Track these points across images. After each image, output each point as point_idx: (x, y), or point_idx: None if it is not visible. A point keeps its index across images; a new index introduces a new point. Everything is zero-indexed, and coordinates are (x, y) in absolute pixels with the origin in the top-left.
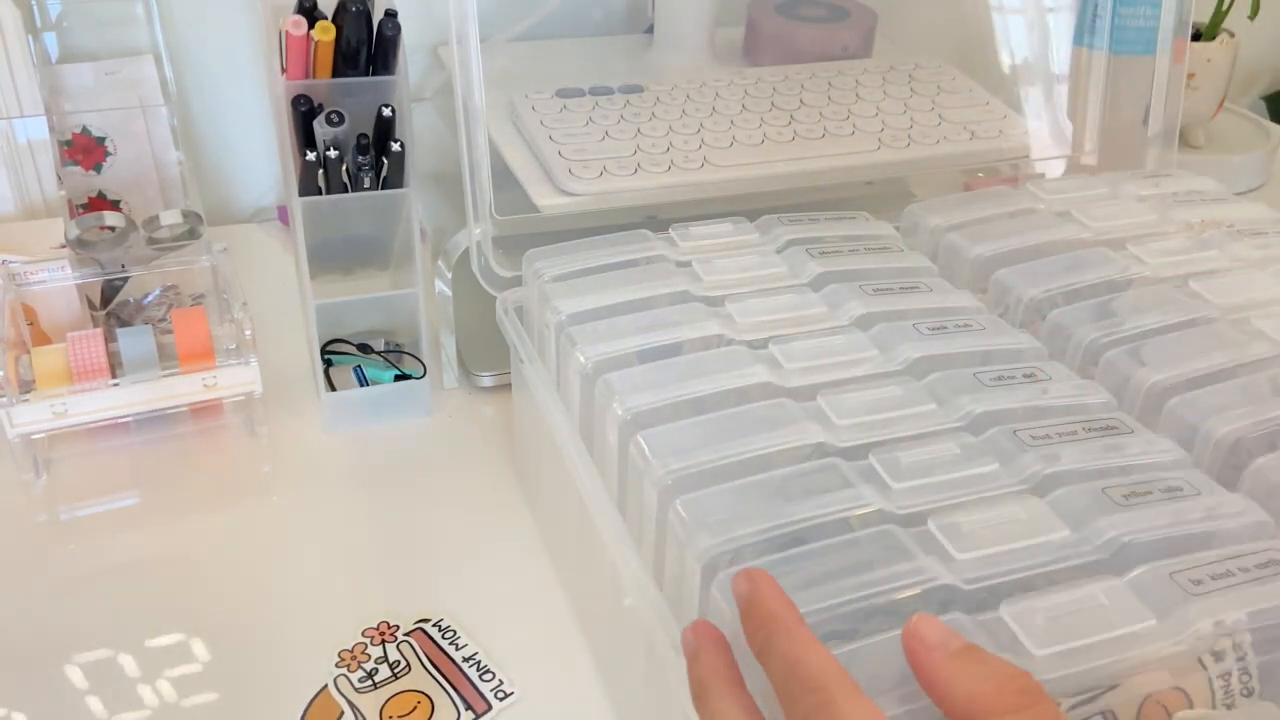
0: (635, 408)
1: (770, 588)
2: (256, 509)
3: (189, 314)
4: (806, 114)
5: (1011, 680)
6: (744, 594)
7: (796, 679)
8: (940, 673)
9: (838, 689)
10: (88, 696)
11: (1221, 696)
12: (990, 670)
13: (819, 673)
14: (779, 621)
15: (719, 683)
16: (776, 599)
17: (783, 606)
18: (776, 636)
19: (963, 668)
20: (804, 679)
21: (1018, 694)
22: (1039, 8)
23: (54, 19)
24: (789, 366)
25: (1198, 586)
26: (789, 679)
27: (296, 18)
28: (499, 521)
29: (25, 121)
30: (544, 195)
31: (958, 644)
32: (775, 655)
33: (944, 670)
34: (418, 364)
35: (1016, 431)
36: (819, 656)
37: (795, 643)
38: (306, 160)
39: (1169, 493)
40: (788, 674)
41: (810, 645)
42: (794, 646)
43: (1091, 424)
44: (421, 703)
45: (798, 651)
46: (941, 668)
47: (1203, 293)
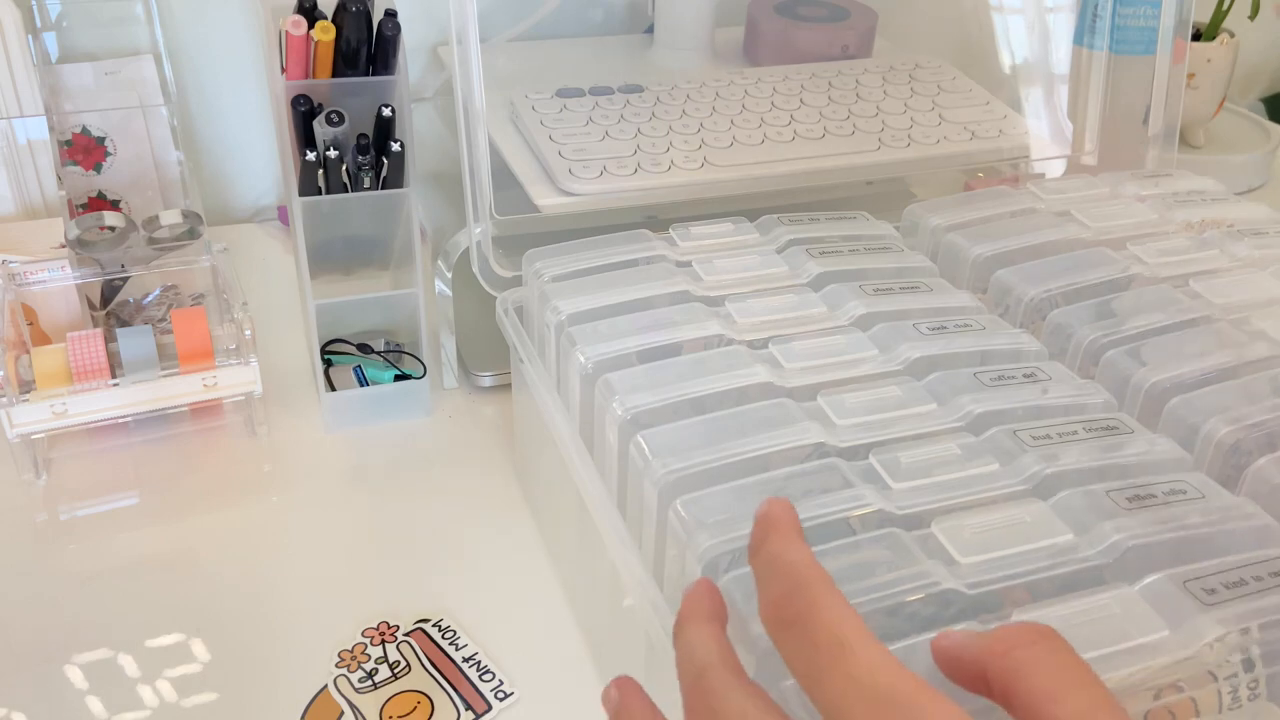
0: (635, 408)
1: (786, 511)
2: (256, 509)
3: (189, 314)
4: (806, 114)
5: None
6: (761, 513)
7: (774, 572)
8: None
9: (810, 576)
10: (88, 696)
11: (1229, 703)
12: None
13: (796, 564)
14: (777, 526)
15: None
16: (786, 513)
17: (787, 514)
18: (771, 537)
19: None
20: (779, 569)
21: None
22: (1039, 8)
23: (54, 19)
24: (789, 366)
25: (1211, 596)
26: (768, 573)
27: (296, 18)
28: (499, 521)
29: (25, 121)
30: (544, 195)
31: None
32: (761, 558)
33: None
34: (418, 364)
35: (1017, 432)
36: (800, 551)
37: (789, 548)
38: (306, 160)
39: (1172, 495)
40: (767, 568)
41: (797, 545)
42: (785, 550)
43: (1092, 424)
44: (421, 703)
45: (781, 551)
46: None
47: (1203, 293)
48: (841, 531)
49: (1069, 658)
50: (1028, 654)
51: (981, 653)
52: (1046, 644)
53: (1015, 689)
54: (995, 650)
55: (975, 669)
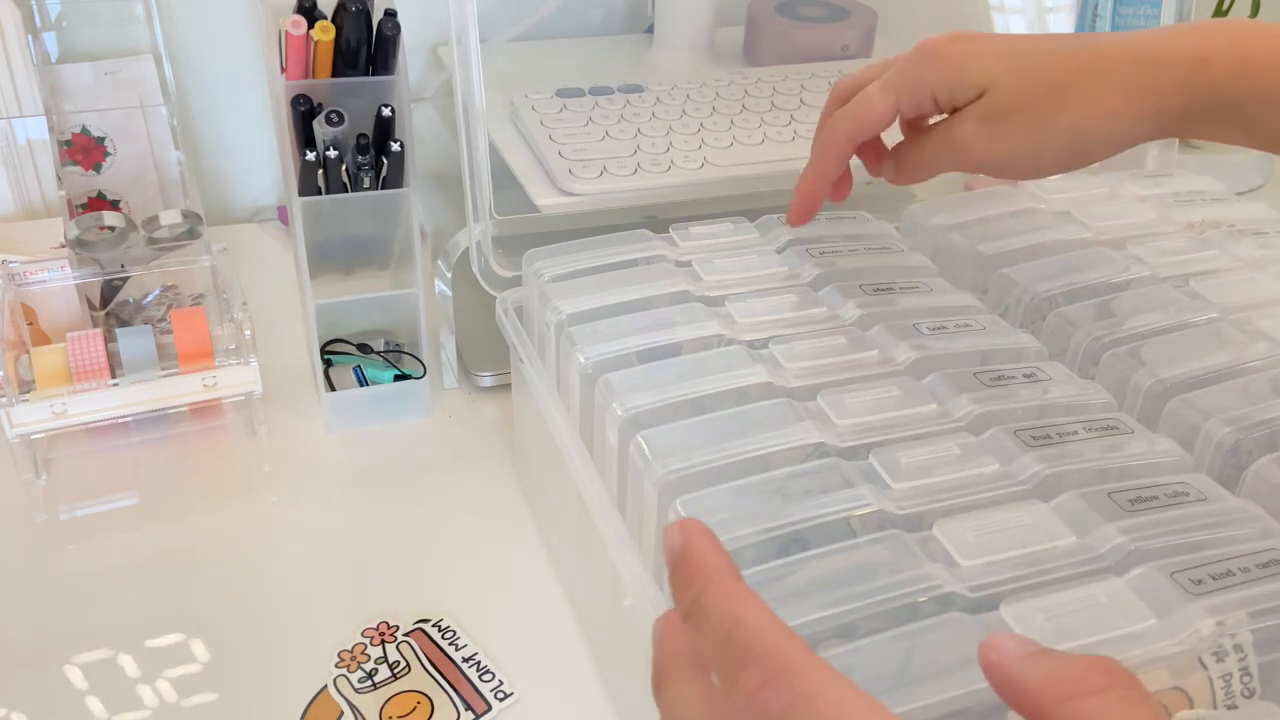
0: (635, 408)
1: (705, 539)
2: (256, 509)
3: (189, 314)
4: (807, 114)
5: (1093, 664)
6: (675, 547)
7: (736, 645)
8: (1014, 671)
9: (790, 652)
10: (88, 696)
11: (1222, 697)
12: (1068, 660)
13: (765, 635)
14: (712, 576)
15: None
16: (712, 550)
17: (719, 560)
18: (709, 593)
19: (1036, 662)
20: (746, 644)
21: (1102, 674)
22: (1039, 8)
23: (54, 19)
24: (789, 367)
25: (1198, 586)
26: (727, 645)
27: (296, 17)
28: (499, 521)
29: (25, 121)
30: (544, 195)
31: (1034, 648)
32: (709, 617)
33: (1018, 668)
34: (418, 364)
35: (1017, 432)
36: (762, 615)
37: (732, 600)
38: (306, 160)
39: (1175, 498)
40: (726, 639)
41: (751, 603)
42: (731, 604)
43: (1092, 424)
44: (421, 703)
45: (736, 610)
46: (1015, 667)
47: (1203, 293)
48: (842, 533)
49: (1146, 708)
50: (1098, 704)
51: (1044, 690)
52: (1121, 692)
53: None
54: (1061, 693)
55: (1033, 703)
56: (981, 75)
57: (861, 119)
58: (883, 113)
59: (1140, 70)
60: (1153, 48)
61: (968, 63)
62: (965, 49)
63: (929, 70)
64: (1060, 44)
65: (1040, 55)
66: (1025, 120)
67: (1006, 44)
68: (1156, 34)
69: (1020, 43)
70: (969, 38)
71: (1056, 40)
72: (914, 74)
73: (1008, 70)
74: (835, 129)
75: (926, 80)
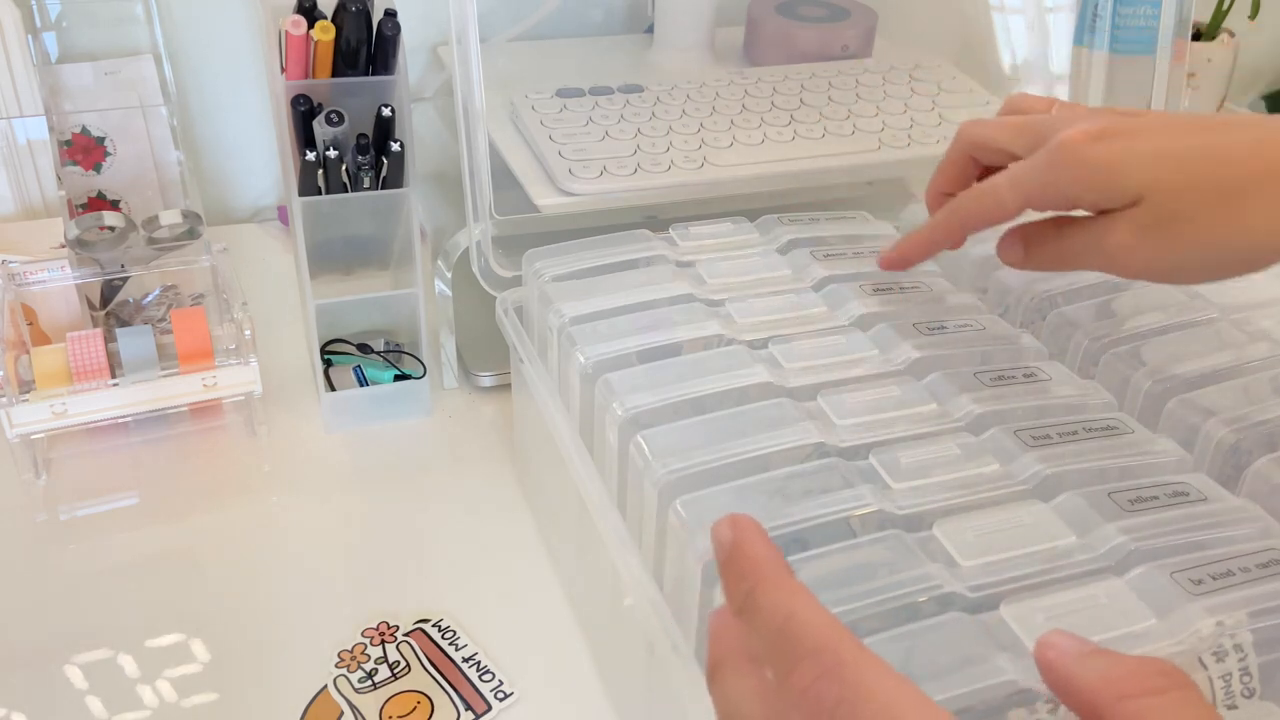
0: (635, 408)
1: (755, 534)
2: (256, 509)
3: (189, 314)
4: (806, 114)
5: (1149, 664)
6: (725, 542)
7: (789, 639)
8: (1070, 669)
9: (842, 647)
10: (88, 696)
11: (1223, 697)
12: (1124, 660)
13: (817, 630)
14: (765, 572)
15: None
16: (762, 545)
17: (770, 555)
18: (762, 588)
19: (1092, 661)
20: (799, 638)
21: (1157, 676)
22: (1039, 8)
23: (54, 19)
24: (789, 366)
25: (1198, 586)
26: (779, 640)
27: (296, 17)
28: (499, 521)
29: (25, 121)
30: (544, 195)
31: (1090, 647)
32: (761, 612)
33: (1073, 666)
34: (418, 364)
35: (1017, 432)
36: (814, 611)
37: (784, 595)
38: (306, 160)
39: (1175, 498)
40: (777, 634)
41: (804, 598)
42: (783, 599)
43: (1092, 424)
44: (421, 703)
45: (788, 605)
46: (1071, 665)
47: (1203, 293)
48: (842, 533)
49: (1203, 711)
50: (1153, 704)
51: (1100, 689)
52: (1178, 694)
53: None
54: (1117, 693)
55: (1088, 702)
56: (1138, 183)
57: (985, 215)
58: (1010, 212)
59: None
60: None
61: (1120, 169)
62: (1116, 152)
63: (1071, 178)
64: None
65: (1209, 157)
66: (1192, 232)
67: (1166, 140)
68: None
69: (1181, 138)
70: (1116, 132)
71: (1224, 133)
72: (1052, 179)
73: (1170, 174)
74: (954, 214)
75: (1069, 189)
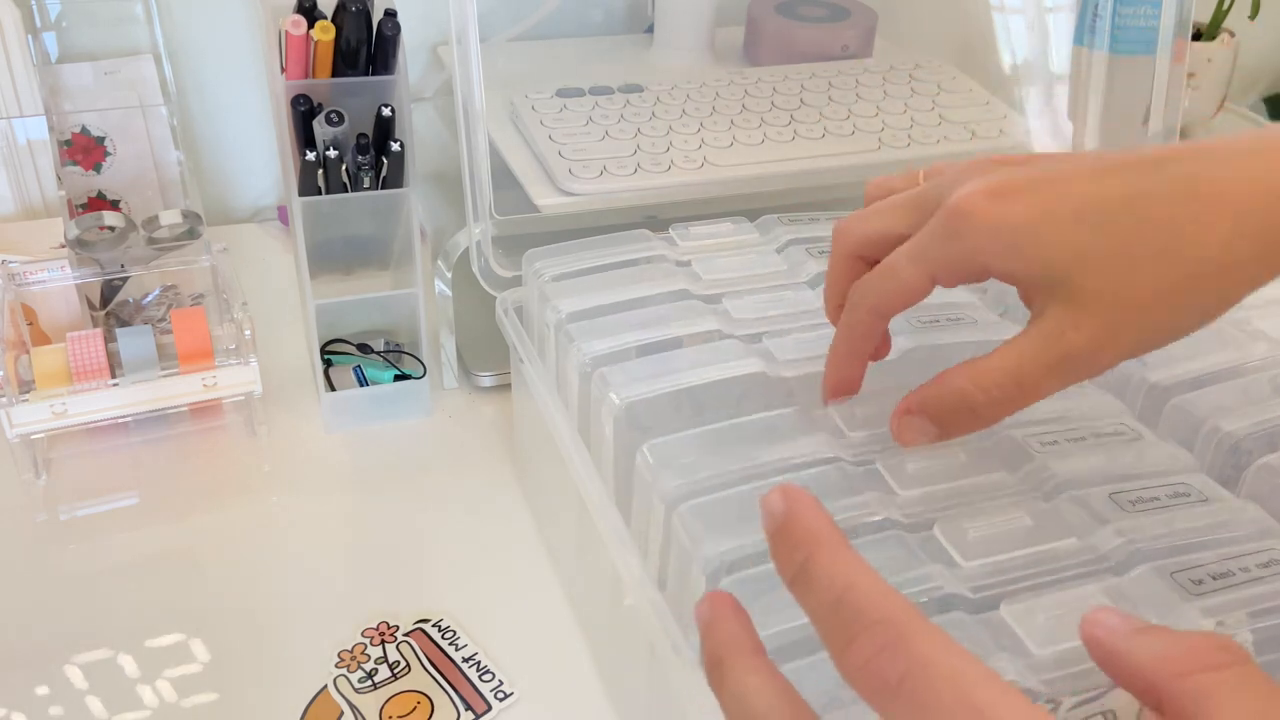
0: (630, 398)
1: (811, 504)
2: (256, 509)
3: (188, 314)
4: (806, 114)
5: (1207, 640)
6: (778, 512)
7: (848, 610)
8: (1121, 646)
9: (906, 619)
10: (88, 696)
11: None
12: (1179, 636)
13: (878, 601)
14: (820, 541)
15: (739, 654)
16: (819, 518)
17: (826, 525)
18: (817, 558)
19: (1146, 640)
20: (859, 610)
21: (1218, 651)
22: (1039, 8)
23: (54, 19)
24: (782, 359)
25: (1198, 586)
26: (837, 612)
27: (296, 17)
28: (499, 521)
29: (25, 121)
30: (544, 195)
31: (1141, 624)
32: (817, 583)
33: (1124, 644)
34: (418, 364)
35: (1025, 437)
36: (874, 582)
37: (842, 566)
38: (306, 160)
39: (1175, 499)
40: (835, 605)
41: (862, 569)
42: (841, 570)
43: (1100, 430)
44: (421, 703)
45: (847, 576)
46: (1122, 643)
47: None
48: None
49: (1265, 688)
50: (1215, 680)
51: (1156, 667)
52: (1238, 669)
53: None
54: (1175, 670)
55: (1143, 679)
56: (1060, 260)
57: (889, 295)
58: (916, 293)
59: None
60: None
61: (1033, 239)
62: (1021, 213)
63: (975, 247)
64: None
65: (1132, 208)
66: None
67: (1077, 195)
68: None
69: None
70: (1017, 187)
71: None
72: (956, 250)
73: (1091, 242)
74: (858, 305)
75: (975, 258)
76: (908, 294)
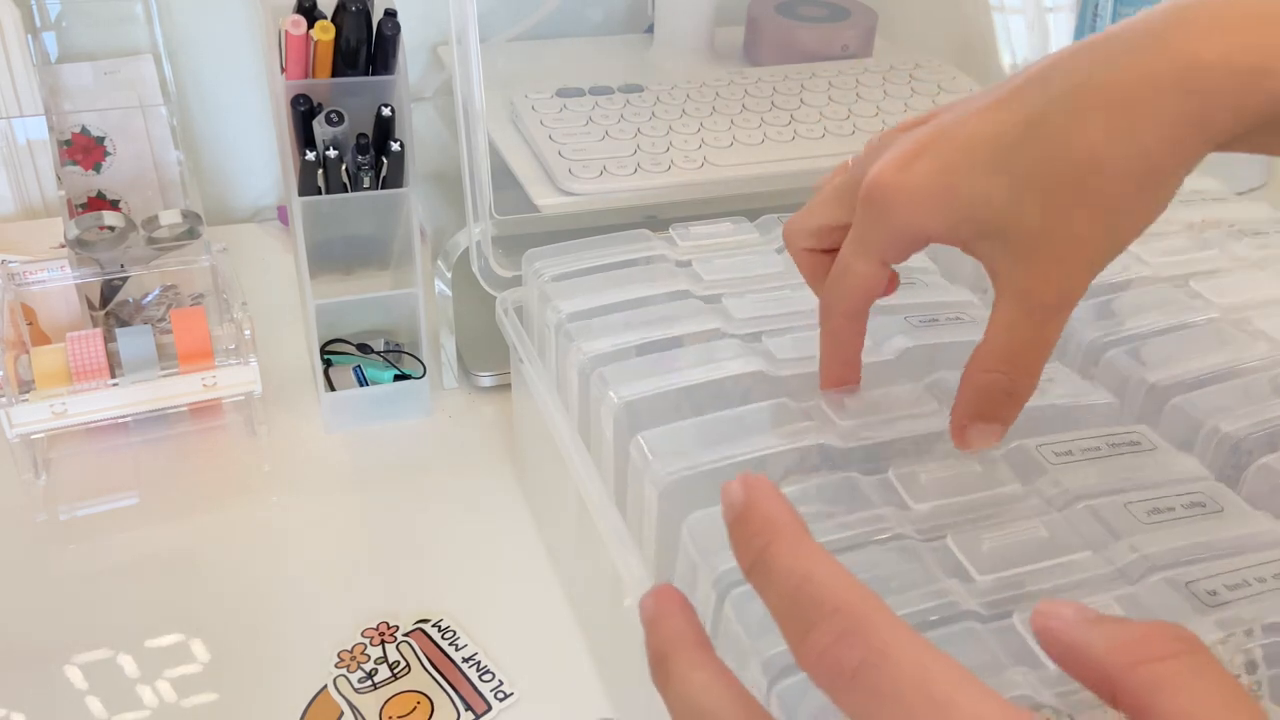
0: (629, 397)
1: (771, 493)
2: (256, 509)
3: (188, 314)
4: (807, 114)
5: (1159, 629)
6: (737, 501)
7: (805, 600)
8: (1074, 637)
9: (865, 608)
10: (88, 696)
11: None
12: (1132, 625)
13: (837, 590)
14: (779, 530)
15: (684, 649)
16: (778, 506)
17: (786, 513)
18: (776, 547)
19: (1101, 630)
20: (816, 599)
21: (1172, 640)
22: (1039, 8)
23: (53, 19)
24: (781, 358)
25: (1213, 598)
26: (795, 601)
27: (296, 17)
28: (499, 521)
29: (25, 121)
30: (544, 195)
31: (1093, 614)
32: (775, 573)
33: (1078, 634)
34: (417, 364)
35: (1039, 448)
36: (833, 571)
37: (801, 555)
38: (306, 160)
39: (1191, 509)
40: (794, 594)
41: (822, 558)
42: (800, 560)
43: (1114, 440)
44: (421, 703)
45: (805, 566)
46: (1075, 632)
47: (1203, 293)
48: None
49: (1219, 676)
50: (1169, 669)
51: (1110, 657)
52: (1191, 658)
53: (1153, 709)
54: (1128, 660)
55: (1098, 671)
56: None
57: (853, 295)
58: (874, 281)
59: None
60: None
61: (949, 197)
62: (927, 174)
63: (901, 223)
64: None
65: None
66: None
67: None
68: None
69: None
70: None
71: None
72: (885, 232)
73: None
74: (830, 312)
75: (905, 233)
76: (869, 288)
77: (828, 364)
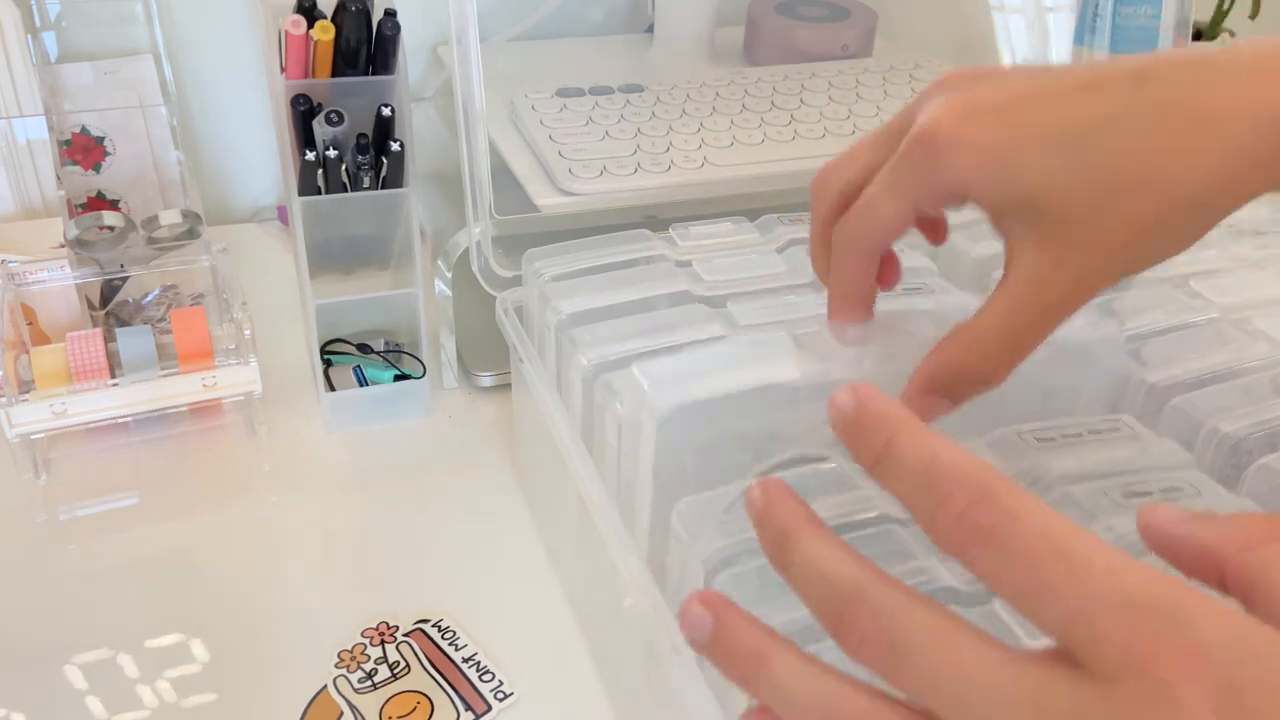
0: (633, 405)
1: (879, 395)
2: (256, 509)
3: (188, 314)
4: (807, 114)
5: (1266, 519)
6: (849, 407)
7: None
8: (1185, 531)
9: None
10: (88, 696)
11: None
12: (1236, 518)
13: (964, 465)
14: (899, 423)
15: (807, 526)
16: (890, 404)
17: (899, 409)
18: (900, 437)
19: (1206, 523)
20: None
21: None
22: (1039, 8)
23: (53, 19)
24: None
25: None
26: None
27: (296, 17)
28: (499, 521)
29: (25, 121)
30: (544, 195)
31: (1192, 513)
32: (903, 460)
33: (1189, 529)
34: (417, 364)
35: (1022, 434)
36: (957, 451)
37: (924, 441)
38: (306, 160)
39: (1168, 493)
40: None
41: (943, 442)
42: (924, 445)
43: (1096, 427)
44: (421, 703)
45: (931, 448)
46: (1185, 528)
47: (1203, 292)
48: (840, 523)
49: None
50: (1275, 550)
51: (1217, 544)
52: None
53: (1261, 586)
54: (1240, 544)
55: (1204, 558)
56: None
57: (874, 234)
58: (900, 223)
59: (1257, 138)
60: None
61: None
62: (990, 135)
63: (947, 172)
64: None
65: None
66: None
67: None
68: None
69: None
70: (987, 106)
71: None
72: (929, 178)
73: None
74: (845, 247)
75: (949, 185)
76: (892, 229)
77: (838, 296)
